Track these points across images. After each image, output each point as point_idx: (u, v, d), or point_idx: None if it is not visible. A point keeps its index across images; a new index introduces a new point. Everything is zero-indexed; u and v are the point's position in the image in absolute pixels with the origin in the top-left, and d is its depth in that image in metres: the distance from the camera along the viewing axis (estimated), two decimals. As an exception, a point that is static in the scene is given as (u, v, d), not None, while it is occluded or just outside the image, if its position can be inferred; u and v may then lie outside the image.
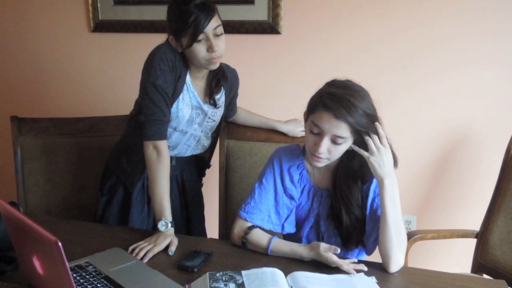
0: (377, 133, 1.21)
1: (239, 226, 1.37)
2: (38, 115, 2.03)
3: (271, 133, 1.79)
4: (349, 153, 1.26)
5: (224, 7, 2.10)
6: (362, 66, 2.00)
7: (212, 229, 1.89)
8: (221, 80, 1.57)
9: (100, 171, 1.72)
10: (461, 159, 2.02)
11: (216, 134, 1.71)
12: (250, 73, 2.16)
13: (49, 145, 1.91)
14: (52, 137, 1.91)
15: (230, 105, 1.72)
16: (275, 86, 2.15)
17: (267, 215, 1.36)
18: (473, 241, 1.74)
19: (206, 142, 1.68)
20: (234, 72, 1.67)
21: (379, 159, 1.20)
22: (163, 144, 1.46)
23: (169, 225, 1.38)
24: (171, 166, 1.54)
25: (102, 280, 1.15)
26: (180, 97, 1.50)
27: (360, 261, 1.26)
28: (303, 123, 1.40)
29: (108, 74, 2.37)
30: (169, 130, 1.53)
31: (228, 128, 1.82)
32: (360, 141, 1.23)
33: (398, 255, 1.22)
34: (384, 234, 1.22)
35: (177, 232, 1.42)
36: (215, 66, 1.47)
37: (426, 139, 2.01)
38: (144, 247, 1.31)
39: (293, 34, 2.06)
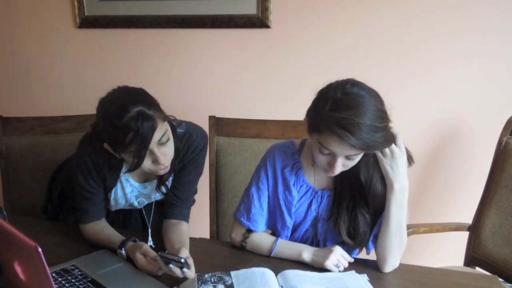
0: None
1: (238, 230, 1.34)
2: (23, 114, 1.99)
3: (262, 129, 1.77)
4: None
5: (213, 1, 2.07)
6: (353, 61, 1.98)
7: (203, 228, 1.86)
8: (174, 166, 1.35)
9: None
10: (453, 152, 2.01)
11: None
12: (239, 68, 2.13)
13: (34, 144, 1.87)
14: (38, 136, 1.88)
15: (182, 177, 1.39)
16: (264, 81, 2.12)
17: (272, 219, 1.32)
18: (466, 234, 1.74)
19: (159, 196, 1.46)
20: (197, 139, 1.37)
21: (392, 162, 1.14)
22: (96, 224, 1.37)
23: (122, 250, 1.25)
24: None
25: (89, 283, 1.13)
26: (113, 191, 1.37)
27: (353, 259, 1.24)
28: None
29: (95, 71, 2.33)
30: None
31: (218, 124, 1.80)
32: None
33: (394, 260, 1.21)
34: (384, 238, 1.20)
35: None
36: (163, 173, 1.27)
37: (418, 132, 2.00)
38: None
39: (282, 28, 2.03)
